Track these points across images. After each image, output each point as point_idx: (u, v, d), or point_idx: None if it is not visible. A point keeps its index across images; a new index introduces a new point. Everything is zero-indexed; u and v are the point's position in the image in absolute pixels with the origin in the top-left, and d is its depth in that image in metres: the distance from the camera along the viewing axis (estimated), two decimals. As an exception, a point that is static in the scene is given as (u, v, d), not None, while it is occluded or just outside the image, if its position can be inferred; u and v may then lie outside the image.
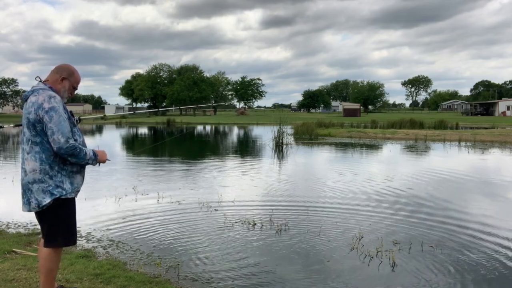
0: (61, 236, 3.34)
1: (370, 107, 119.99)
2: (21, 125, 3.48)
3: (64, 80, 3.44)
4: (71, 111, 3.44)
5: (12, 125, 6.03)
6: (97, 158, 3.42)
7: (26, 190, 3.27)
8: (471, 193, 9.40)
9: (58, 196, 3.26)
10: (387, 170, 13.05)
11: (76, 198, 3.45)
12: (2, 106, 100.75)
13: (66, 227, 3.36)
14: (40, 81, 3.42)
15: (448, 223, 6.68)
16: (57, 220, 3.31)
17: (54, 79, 3.42)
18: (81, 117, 3.89)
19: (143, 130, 40.29)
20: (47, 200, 3.24)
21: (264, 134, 29.40)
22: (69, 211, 3.37)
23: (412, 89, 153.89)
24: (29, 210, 3.30)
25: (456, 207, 7.90)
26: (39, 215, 3.36)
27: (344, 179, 10.89)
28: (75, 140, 3.31)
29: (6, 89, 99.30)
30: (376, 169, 13.18)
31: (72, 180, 3.35)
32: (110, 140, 26.70)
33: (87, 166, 3.51)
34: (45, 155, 3.23)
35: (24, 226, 6.31)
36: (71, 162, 3.30)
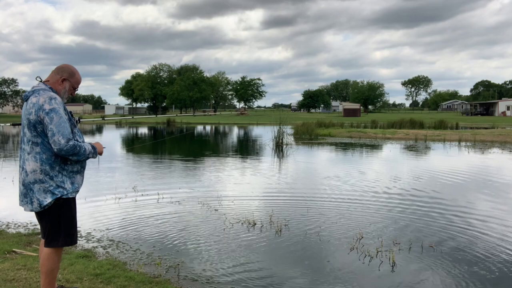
0: (62, 236, 3.35)
1: (370, 107, 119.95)
2: (19, 124, 3.48)
3: (64, 81, 3.44)
4: (70, 112, 3.44)
5: (9, 124, 6.05)
6: (96, 150, 3.46)
7: (28, 191, 3.28)
8: (472, 193, 9.39)
9: (59, 196, 3.27)
10: (387, 170, 13.05)
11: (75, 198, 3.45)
12: (2, 106, 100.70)
13: (67, 227, 3.36)
14: (41, 81, 3.41)
15: (448, 223, 6.68)
16: (58, 220, 3.32)
17: (54, 79, 3.42)
18: (81, 118, 3.89)
19: (143, 130, 40.28)
20: (48, 200, 3.24)
21: (264, 134, 29.40)
22: (70, 211, 3.38)
23: (412, 89, 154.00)
24: (31, 210, 3.31)
25: (456, 207, 7.89)
26: (39, 215, 3.36)
27: (344, 179, 10.89)
28: (76, 140, 3.31)
29: (6, 89, 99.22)
30: (376, 169, 13.17)
31: (73, 180, 3.36)
32: (110, 140, 26.67)
33: (87, 166, 3.51)
34: (46, 156, 3.24)
35: (24, 226, 6.31)
36: (73, 161, 3.31)
